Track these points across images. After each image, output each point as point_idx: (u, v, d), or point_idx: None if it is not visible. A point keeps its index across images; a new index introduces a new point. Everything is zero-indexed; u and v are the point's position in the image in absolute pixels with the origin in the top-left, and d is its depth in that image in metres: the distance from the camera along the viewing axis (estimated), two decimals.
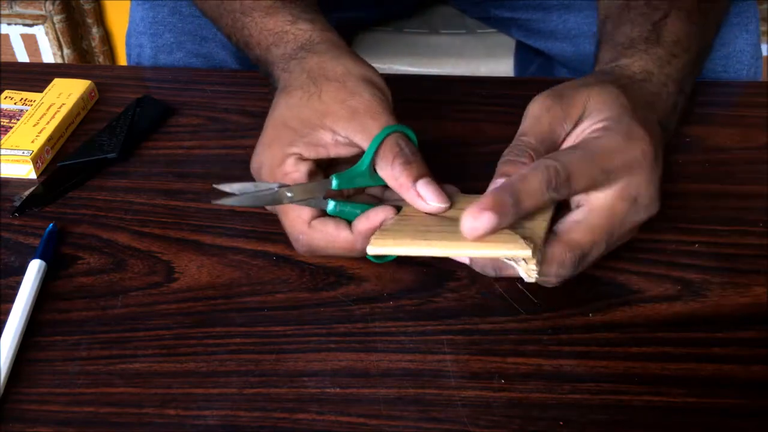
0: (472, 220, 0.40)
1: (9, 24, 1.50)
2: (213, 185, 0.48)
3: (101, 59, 1.56)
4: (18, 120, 0.64)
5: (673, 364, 0.45)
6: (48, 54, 1.52)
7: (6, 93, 0.67)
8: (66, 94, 0.66)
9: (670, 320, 0.47)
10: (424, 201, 0.46)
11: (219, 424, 0.43)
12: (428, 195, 0.46)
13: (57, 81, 0.68)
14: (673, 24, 0.53)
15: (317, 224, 0.48)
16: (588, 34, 0.80)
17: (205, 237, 0.54)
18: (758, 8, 0.75)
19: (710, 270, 0.50)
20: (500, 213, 0.40)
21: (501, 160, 0.45)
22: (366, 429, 0.42)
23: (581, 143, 0.45)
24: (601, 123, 0.45)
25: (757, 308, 0.49)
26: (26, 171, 0.60)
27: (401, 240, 0.43)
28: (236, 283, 0.51)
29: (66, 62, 1.50)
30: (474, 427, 0.42)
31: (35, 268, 0.51)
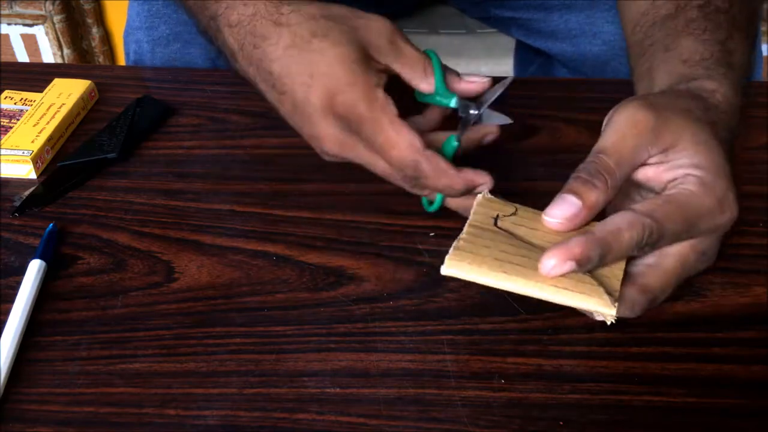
0: (554, 265, 0.40)
1: (9, 24, 1.50)
2: None
3: (101, 59, 1.57)
4: (18, 120, 0.64)
5: (673, 364, 0.45)
6: (48, 54, 1.52)
7: (6, 93, 0.67)
8: (66, 94, 0.66)
9: (670, 320, 0.47)
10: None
11: (219, 424, 0.43)
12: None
13: (57, 81, 0.68)
14: (736, 48, 0.52)
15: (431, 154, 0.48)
16: (589, 34, 0.80)
17: (205, 237, 0.54)
18: None
19: (710, 270, 0.50)
20: (584, 265, 0.41)
21: (574, 175, 0.43)
22: (366, 429, 0.42)
23: (676, 197, 0.43)
24: (697, 171, 0.43)
25: (757, 308, 0.49)
26: (26, 171, 0.60)
27: (478, 267, 0.42)
28: (236, 283, 0.51)
29: (66, 62, 1.50)
30: (474, 427, 0.42)
31: (35, 268, 0.51)
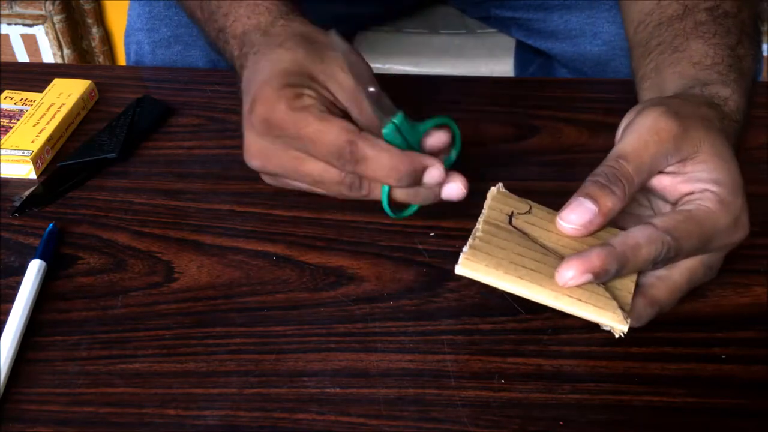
0: (572, 277, 0.41)
1: (9, 24, 1.50)
2: None
3: (101, 59, 1.57)
4: (18, 120, 0.64)
5: (673, 364, 0.45)
6: (48, 54, 1.52)
7: (6, 93, 0.67)
8: (66, 94, 0.66)
9: (670, 320, 0.47)
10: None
11: (219, 424, 0.43)
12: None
13: (57, 81, 0.68)
14: (746, 54, 0.52)
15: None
16: (589, 34, 0.80)
17: (205, 237, 0.54)
18: None
19: None
20: (601, 277, 0.41)
21: (591, 178, 0.43)
22: (366, 429, 0.42)
23: (695, 214, 0.43)
24: (716, 188, 0.43)
25: (757, 308, 0.49)
26: (26, 171, 0.60)
27: (495, 270, 0.42)
28: (236, 283, 0.51)
29: (66, 62, 1.50)
30: (474, 427, 0.42)
31: (35, 268, 0.51)
